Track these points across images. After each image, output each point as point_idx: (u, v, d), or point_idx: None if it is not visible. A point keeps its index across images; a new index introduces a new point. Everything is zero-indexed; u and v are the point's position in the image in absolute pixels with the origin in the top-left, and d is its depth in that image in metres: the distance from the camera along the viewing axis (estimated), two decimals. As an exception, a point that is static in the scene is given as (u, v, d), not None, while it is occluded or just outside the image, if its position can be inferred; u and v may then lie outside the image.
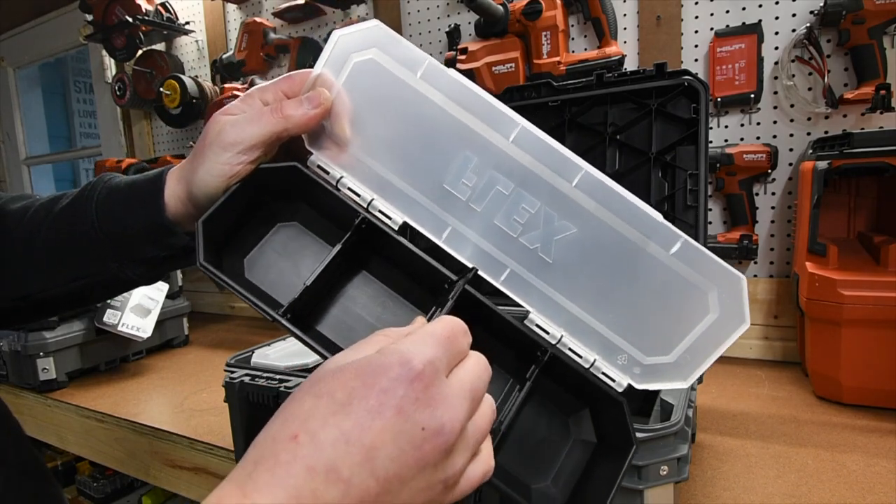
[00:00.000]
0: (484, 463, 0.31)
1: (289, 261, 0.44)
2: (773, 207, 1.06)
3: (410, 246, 0.40)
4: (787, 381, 0.93)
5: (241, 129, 0.40)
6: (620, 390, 0.38)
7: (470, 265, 0.40)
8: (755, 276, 1.08)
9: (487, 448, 0.32)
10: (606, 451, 0.39)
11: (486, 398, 0.32)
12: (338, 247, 0.40)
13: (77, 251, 0.47)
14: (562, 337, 0.38)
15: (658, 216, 0.37)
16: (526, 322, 0.39)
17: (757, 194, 1.06)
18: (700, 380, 0.72)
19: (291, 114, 0.40)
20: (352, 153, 0.42)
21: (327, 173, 0.42)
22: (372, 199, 0.41)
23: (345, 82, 0.41)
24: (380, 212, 0.41)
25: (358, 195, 0.41)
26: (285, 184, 0.43)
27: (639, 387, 0.38)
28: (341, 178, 0.41)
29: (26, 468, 0.53)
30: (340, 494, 0.26)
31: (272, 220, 0.45)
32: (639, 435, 0.38)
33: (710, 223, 1.09)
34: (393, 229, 0.41)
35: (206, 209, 0.41)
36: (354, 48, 0.40)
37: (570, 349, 0.38)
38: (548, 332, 0.39)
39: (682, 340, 0.36)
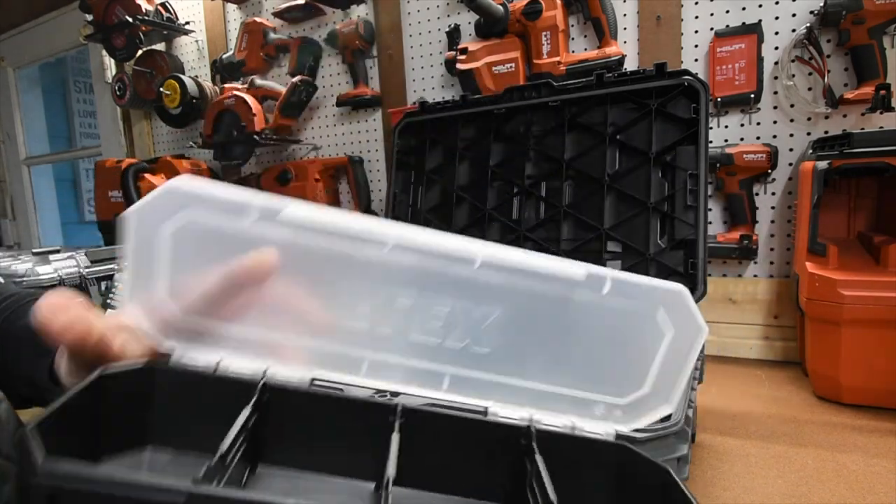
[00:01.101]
0: None
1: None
2: (773, 207, 1.06)
3: (334, 392, 0.32)
4: (787, 381, 0.93)
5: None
6: (612, 440, 0.35)
7: (403, 390, 0.35)
8: (755, 276, 1.08)
9: None
10: None
11: None
12: (243, 416, 0.28)
13: None
14: (532, 416, 0.35)
15: (576, 267, 0.34)
16: (489, 418, 0.35)
17: (757, 194, 1.06)
18: (700, 379, 0.72)
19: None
20: (216, 333, 0.33)
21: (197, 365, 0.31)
22: (266, 369, 0.33)
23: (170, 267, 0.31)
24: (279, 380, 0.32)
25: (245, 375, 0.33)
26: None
27: (627, 429, 0.36)
28: (220, 361, 0.32)
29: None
30: None
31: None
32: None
33: (710, 223, 1.08)
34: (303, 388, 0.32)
35: None
36: (161, 219, 0.30)
37: (545, 424, 0.35)
38: (516, 419, 0.35)
39: (649, 369, 0.35)
